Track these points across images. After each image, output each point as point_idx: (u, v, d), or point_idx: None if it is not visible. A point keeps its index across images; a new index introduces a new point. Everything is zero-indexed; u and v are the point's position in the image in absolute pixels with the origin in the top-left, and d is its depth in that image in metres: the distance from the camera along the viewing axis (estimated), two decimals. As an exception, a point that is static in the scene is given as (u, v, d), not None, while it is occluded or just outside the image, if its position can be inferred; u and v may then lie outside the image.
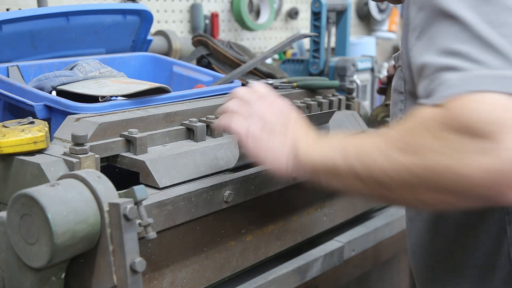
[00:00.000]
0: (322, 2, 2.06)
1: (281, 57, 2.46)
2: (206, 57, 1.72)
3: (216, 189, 1.03)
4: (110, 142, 1.02)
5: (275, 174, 0.89)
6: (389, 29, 3.05)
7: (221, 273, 1.10)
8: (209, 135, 1.16)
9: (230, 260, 1.11)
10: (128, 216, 0.76)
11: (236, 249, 1.12)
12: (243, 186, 1.08)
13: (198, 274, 1.05)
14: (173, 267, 1.00)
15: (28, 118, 1.03)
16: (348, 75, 2.08)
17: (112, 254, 0.77)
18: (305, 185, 1.24)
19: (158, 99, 1.21)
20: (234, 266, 1.12)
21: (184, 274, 1.02)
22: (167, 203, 0.95)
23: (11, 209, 0.77)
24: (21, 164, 0.94)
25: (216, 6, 2.31)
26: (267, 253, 1.20)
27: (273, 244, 1.21)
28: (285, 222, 1.23)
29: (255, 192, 1.11)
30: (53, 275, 0.80)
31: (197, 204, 1.00)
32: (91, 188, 0.78)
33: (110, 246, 0.77)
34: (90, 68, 1.33)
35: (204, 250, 1.06)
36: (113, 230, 0.77)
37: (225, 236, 1.09)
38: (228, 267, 1.11)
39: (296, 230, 1.26)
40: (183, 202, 0.97)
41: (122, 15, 1.53)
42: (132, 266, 0.75)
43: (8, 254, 0.81)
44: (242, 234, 1.13)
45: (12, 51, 1.36)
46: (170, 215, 0.96)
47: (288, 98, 1.39)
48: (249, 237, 1.14)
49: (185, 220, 0.99)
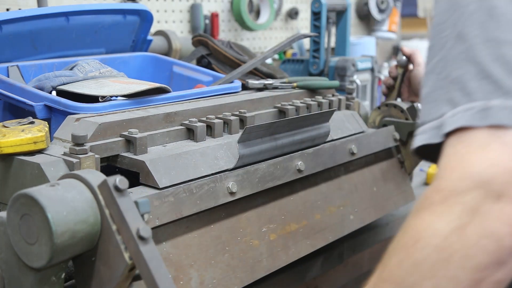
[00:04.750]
0: (322, 2, 2.06)
1: (281, 57, 2.46)
2: (206, 57, 1.72)
3: (217, 181, 1.02)
4: (110, 142, 1.02)
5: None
6: (389, 29, 3.05)
7: (254, 274, 1.07)
8: (209, 135, 1.16)
9: (260, 260, 1.09)
10: (119, 187, 0.75)
11: (262, 249, 1.10)
12: (245, 178, 1.07)
13: (229, 274, 1.03)
14: (197, 266, 0.98)
15: (28, 118, 1.03)
16: (348, 75, 2.08)
17: (117, 233, 0.75)
18: (317, 182, 1.25)
19: (158, 99, 1.21)
20: (266, 267, 1.10)
21: (212, 274, 1.01)
22: (167, 194, 0.94)
23: (11, 209, 0.77)
24: (21, 164, 0.94)
25: (216, 6, 2.31)
26: (298, 252, 1.17)
27: (302, 243, 1.18)
28: (309, 221, 1.21)
29: (260, 185, 1.10)
30: (53, 275, 0.80)
31: (201, 196, 0.99)
32: (91, 188, 0.78)
33: (113, 226, 0.76)
34: (90, 68, 1.33)
35: (227, 249, 1.04)
36: (110, 208, 0.76)
37: (245, 235, 1.08)
38: (259, 267, 1.09)
39: (324, 230, 1.24)
40: (185, 194, 0.97)
41: (122, 15, 1.53)
42: (138, 234, 0.73)
43: (8, 254, 0.81)
44: (264, 233, 1.11)
45: (12, 51, 1.36)
46: (174, 206, 0.95)
47: (288, 98, 1.41)
48: (272, 236, 1.13)
49: (192, 212, 0.97)
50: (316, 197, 1.25)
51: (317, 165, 1.24)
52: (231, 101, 1.27)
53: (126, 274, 0.76)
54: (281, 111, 1.34)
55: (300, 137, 1.21)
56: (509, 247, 0.60)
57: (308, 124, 1.22)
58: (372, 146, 1.40)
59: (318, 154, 1.24)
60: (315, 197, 1.24)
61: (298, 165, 1.18)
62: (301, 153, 1.20)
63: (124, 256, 0.75)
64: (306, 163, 1.20)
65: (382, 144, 1.44)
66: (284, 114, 1.33)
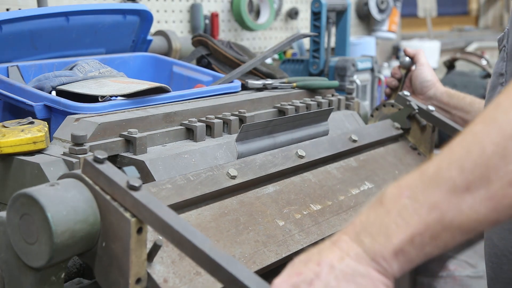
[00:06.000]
0: (322, 2, 2.06)
1: (281, 57, 2.46)
2: (206, 57, 1.72)
3: (215, 169, 0.99)
4: (110, 142, 1.02)
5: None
6: (389, 29, 3.04)
7: (289, 247, 0.98)
8: (208, 135, 1.16)
9: (292, 235, 1.00)
10: (99, 157, 0.76)
11: (290, 226, 1.02)
12: (244, 167, 1.04)
13: (260, 249, 0.95)
14: (221, 245, 0.92)
15: (28, 118, 1.04)
16: (348, 75, 2.08)
17: (112, 200, 0.75)
18: (326, 168, 1.19)
19: (158, 99, 1.21)
20: (299, 240, 1.00)
21: (241, 250, 0.93)
22: (164, 183, 0.91)
23: (10, 209, 0.77)
24: (21, 164, 0.94)
25: (216, 6, 2.32)
26: (333, 226, 1.08)
27: (334, 219, 1.09)
28: (333, 202, 1.13)
29: (261, 171, 1.05)
30: (53, 275, 0.80)
31: (201, 182, 0.95)
32: (91, 188, 0.78)
33: (107, 196, 0.76)
34: (90, 68, 1.34)
35: (250, 229, 0.97)
36: (99, 182, 0.76)
37: (266, 216, 1.01)
38: (292, 242, 1.00)
39: (355, 206, 1.15)
40: (183, 181, 0.93)
41: (122, 15, 1.53)
42: (128, 185, 0.73)
43: (8, 254, 0.81)
44: (287, 214, 1.04)
45: (12, 51, 1.36)
46: (174, 191, 0.91)
47: (287, 98, 1.41)
48: (297, 215, 1.05)
49: (195, 195, 0.93)
50: (333, 182, 1.19)
51: (318, 152, 1.19)
52: (231, 101, 1.27)
53: (136, 237, 0.74)
54: (281, 111, 1.34)
55: (299, 136, 1.21)
56: None
57: (306, 123, 1.22)
58: (373, 136, 1.35)
59: (317, 144, 1.20)
60: (331, 182, 1.18)
61: (299, 152, 1.14)
62: (299, 145, 1.17)
63: (126, 216, 0.74)
64: (306, 150, 1.16)
65: (383, 133, 1.39)
66: (284, 114, 1.33)
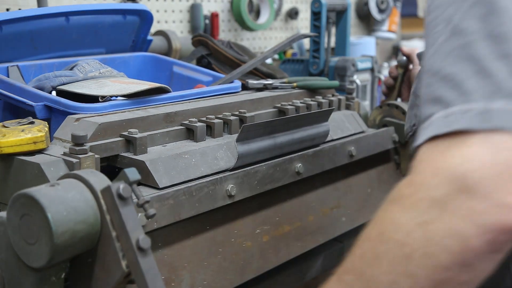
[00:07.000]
0: (322, 2, 2.06)
1: (281, 57, 2.46)
2: (206, 57, 1.72)
3: (217, 183, 1.02)
4: (110, 142, 1.02)
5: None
6: (389, 29, 3.05)
7: (243, 275, 1.08)
8: (209, 135, 1.16)
9: (251, 262, 1.10)
10: (122, 195, 0.74)
11: (254, 250, 1.11)
12: (245, 180, 1.07)
13: (219, 276, 1.03)
14: (189, 268, 0.99)
15: (28, 118, 1.03)
16: (348, 75, 2.08)
17: (116, 240, 0.75)
18: (315, 183, 1.25)
19: (158, 99, 1.21)
20: (256, 268, 1.11)
21: (203, 276, 1.01)
22: (168, 197, 0.94)
23: (11, 209, 0.77)
24: (21, 164, 0.94)
25: (216, 6, 2.32)
26: (288, 254, 1.18)
27: (293, 245, 1.19)
28: (302, 223, 1.22)
29: (259, 187, 1.10)
30: (53, 275, 0.80)
31: (200, 199, 0.99)
32: (91, 188, 0.78)
33: (113, 232, 0.76)
34: (90, 68, 1.33)
35: (220, 250, 1.05)
36: (111, 215, 0.75)
37: (239, 236, 1.08)
38: (250, 269, 1.10)
39: (315, 231, 1.24)
40: (185, 196, 0.97)
41: (122, 15, 1.53)
42: (138, 245, 0.73)
43: (8, 254, 0.81)
44: (258, 235, 1.12)
45: (12, 51, 1.36)
46: (173, 209, 0.95)
47: (288, 98, 1.40)
48: (265, 237, 1.13)
49: (191, 214, 0.98)
50: (311, 199, 1.25)
51: (316, 168, 1.24)
52: (231, 101, 1.27)
53: (122, 281, 0.76)
54: (281, 111, 1.34)
55: (299, 136, 1.21)
56: (475, 249, 0.55)
57: (307, 123, 1.22)
58: (371, 147, 1.40)
59: (318, 156, 1.24)
60: (311, 199, 1.25)
61: (298, 167, 1.18)
62: (300, 155, 1.20)
63: (122, 263, 0.75)
64: (305, 165, 1.20)
65: (381, 145, 1.44)
66: (284, 114, 1.33)
